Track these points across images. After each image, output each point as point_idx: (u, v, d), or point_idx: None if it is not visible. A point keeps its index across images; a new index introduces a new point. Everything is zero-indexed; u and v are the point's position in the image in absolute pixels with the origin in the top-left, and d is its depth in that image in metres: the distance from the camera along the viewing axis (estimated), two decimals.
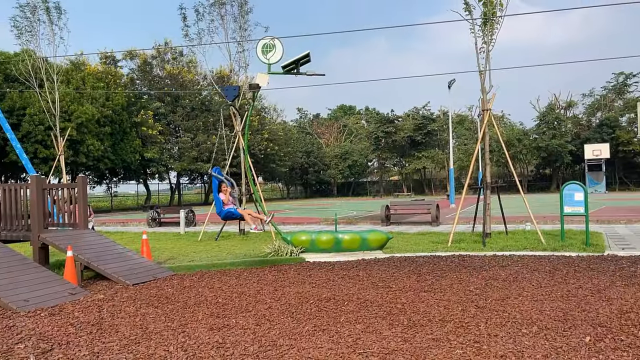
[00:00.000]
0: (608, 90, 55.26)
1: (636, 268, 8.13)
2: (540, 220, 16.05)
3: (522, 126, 55.51)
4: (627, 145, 47.34)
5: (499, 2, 11.62)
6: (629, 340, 4.69)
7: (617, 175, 50.52)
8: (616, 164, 49.68)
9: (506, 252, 10.22)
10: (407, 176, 60.51)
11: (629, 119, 49.29)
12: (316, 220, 20.76)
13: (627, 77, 53.80)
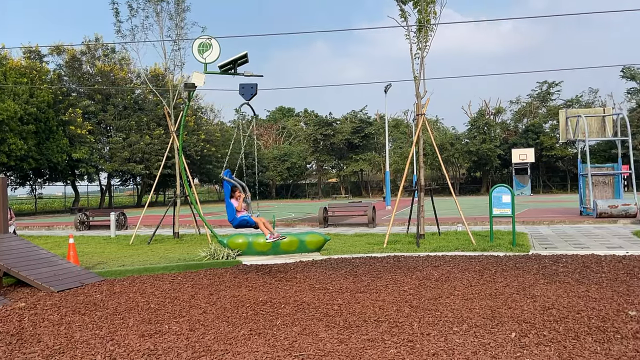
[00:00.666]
0: (533, 98, 58.40)
1: (557, 266, 8.61)
2: (471, 222, 16.68)
3: (455, 131, 57.53)
4: (550, 150, 50.16)
5: (432, 11, 11.99)
6: (551, 335, 4.94)
7: (541, 179, 53.45)
8: (540, 167, 52.55)
9: (439, 253, 10.54)
10: (345, 178, 61.24)
11: (552, 126, 52.25)
12: None
13: (550, 85, 57.11)
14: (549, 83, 56.91)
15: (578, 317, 5.50)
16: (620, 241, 11.84)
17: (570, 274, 7.95)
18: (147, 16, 15.17)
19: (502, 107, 58.48)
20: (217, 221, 20.93)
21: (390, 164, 44.61)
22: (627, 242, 11.68)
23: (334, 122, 59.23)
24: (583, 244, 11.52)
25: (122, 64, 42.34)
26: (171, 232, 15.35)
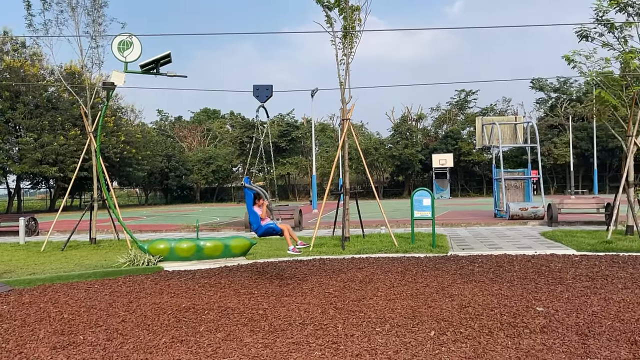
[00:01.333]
0: (452, 105, 61.21)
1: (473, 266, 9.04)
2: (393, 224, 17.16)
3: (379, 136, 59.12)
4: (468, 156, 52.74)
5: (358, 18, 12.24)
6: (467, 332, 5.17)
7: (460, 183, 56.04)
8: (459, 172, 55.08)
9: (363, 255, 10.75)
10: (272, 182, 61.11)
11: (469, 132, 54.97)
12: (176, 227, 20.00)
13: (468, 94, 60.13)
14: (467, 92, 59.91)
15: (492, 314, 5.80)
16: (530, 241, 12.64)
17: (485, 273, 8.38)
18: (61, 10, 14.36)
19: (423, 113, 60.86)
20: (137, 226, 20.19)
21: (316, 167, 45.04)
22: (536, 242, 12.48)
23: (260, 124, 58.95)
24: (497, 245, 12.18)
25: (33, 60, 39.78)
26: (87, 237, 14.59)
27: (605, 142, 47.63)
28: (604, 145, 48.19)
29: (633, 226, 12.35)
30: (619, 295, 6.53)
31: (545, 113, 57.46)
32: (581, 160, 51.52)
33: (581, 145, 50.73)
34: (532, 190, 20.87)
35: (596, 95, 13.07)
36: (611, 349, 4.54)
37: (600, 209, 16.42)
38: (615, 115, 13.12)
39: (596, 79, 13.17)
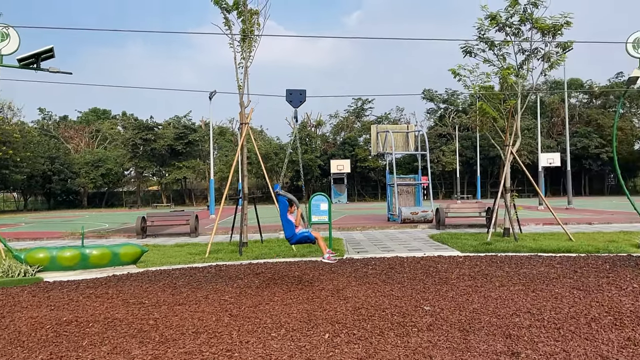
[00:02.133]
0: (349, 113, 63.06)
1: (367, 269, 9.33)
2: None
3: (279, 141, 59.34)
4: (364, 162, 54.57)
5: (256, 21, 12.20)
6: (360, 333, 5.31)
7: (356, 188, 57.81)
8: (355, 177, 56.81)
9: (261, 260, 10.68)
10: (167, 186, 58.88)
11: (365, 139, 56.94)
12: (59, 234, 18.59)
13: (364, 102, 62.30)
14: (363, 100, 62.05)
15: (383, 315, 6.01)
16: (420, 244, 13.32)
17: (378, 275, 8.68)
18: None
19: (322, 120, 62.06)
20: (14, 233, 18.51)
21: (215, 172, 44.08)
22: (425, 244, 13.17)
23: (155, 126, 56.67)
24: (389, 247, 12.69)
25: None
26: None
27: (487, 151, 51.60)
28: (486, 153, 52.19)
29: (510, 228, 13.46)
30: (496, 292, 7.07)
31: (435, 122, 61.15)
32: (466, 168, 55.34)
33: (466, 153, 54.53)
34: (422, 196, 22.05)
35: (478, 107, 14.11)
36: (489, 343, 4.88)
37: (481, 212, 17.72)
38: (495, 126, 14.24)
39: (478, 92, 14.22)
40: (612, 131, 14.31)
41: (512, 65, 13.42)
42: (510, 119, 13.74)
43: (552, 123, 57.78)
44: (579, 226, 17.31)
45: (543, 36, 13.03)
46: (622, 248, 11.07)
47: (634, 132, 57.05)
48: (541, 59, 13.40)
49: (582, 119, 58.10)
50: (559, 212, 22.80)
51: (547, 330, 5.25)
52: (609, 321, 5.50)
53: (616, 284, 7.43)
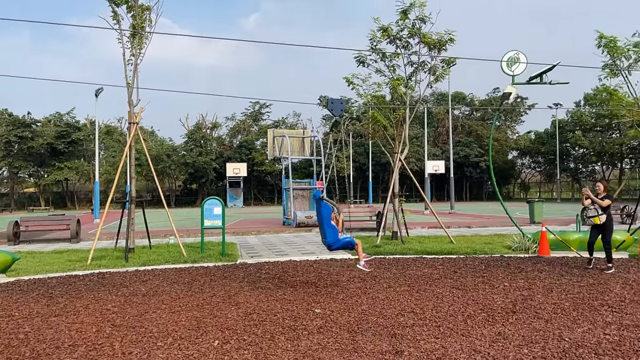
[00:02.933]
0: (247, 116, 62.59)
1: (261, 273, 9.28)
2: (183, 234, 16.74)
3: (172, 142, 57.27)
4: (261, 166, 54.35)
5: (148, 18, 11.69)
6: (250, 339, 5.25)
7: (253, 192, 57.43)
8: (252, 181, 56.41)
9: (148, 267, 10.21)
10: (46, 188, 54.37)
11: (262, 143, 56.77)
12: None
13: (262, 106, 62.18)
14: (261, 104, 61.92)
15: (275, 319, 6.00)
16: (313, 247, 13.50)
17: (271, 279, 8.67)
18: None
19: (218, 122, 60.97)
20: None
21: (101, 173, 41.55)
22: (318, 248, 13.37)
23: (33, 123, 52.14)
24: (283, 251, 12.73)
25: None
26: None
27: (379, 158, 53.73)
28: (378, 160, 54.34)
29: (398, 232, 14.09)
30: (384, 293, 7.35)
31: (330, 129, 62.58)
32: (359, 173, 57.22)
33: (360, 159, 56.42)
34: None
35: (370, 115, 14.64)
36: (375, 343, 5.05)
37: (372, 216, 18.39)
38: (386, 134, 14.87)
39: (371, 101, 14.76)
40: (489, 142, 15.55)
41: (402, 77, 14.11)
42: (399, 127, 14.42)
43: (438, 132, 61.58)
44: (460, 229, 18.57)
45: (429, 50, 13.84)
46: (496, 249, 12.03)
47: (508, 143, 62.48)
48: (428, 71, 14.23)
49: (465, 130, 62.54)
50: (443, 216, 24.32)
51: (429, 328, 5.55)
52: (483, 317, 5.93)
53: (490, 283, 8.06)
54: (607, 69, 13.11)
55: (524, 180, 68.08)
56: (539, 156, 60.70)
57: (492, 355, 4.63)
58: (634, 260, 10.16)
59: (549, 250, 11.25)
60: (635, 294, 7.06)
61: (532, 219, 20.31)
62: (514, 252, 11.70)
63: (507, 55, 13.42)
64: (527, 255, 11.17)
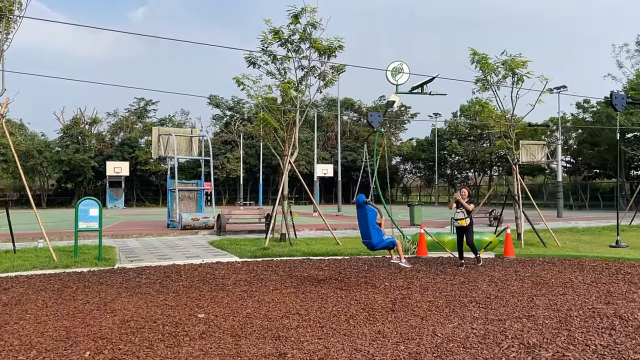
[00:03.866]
0: (131, 113, 59.47)
1: (141, 278, 8.82)
2: (55, 237, 15.48)
3: (45, 137, 52.74)
4: (145, 165, 51.92)
5: (17, 1, 10.65)
6: (126, 348, 4.94)
7: (136, 192, 54.65)
8: (135, 181, 53.68)
9: (12, 273, 9.27)
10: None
11: (147, 141, 54.29)
12: None
13: (148, 103, 59.46)
14: (147, 100, 59.20)
15: (154, 326, 5.72)
16: (199, 251, 13.13)
17: (152, 284, 8.27)
18: None
19: (98, 117, 57.26)
20: None
21: None
22: (204, 251, 13.04)
23: None
24: (167, 255, 12.22)
25: None
26: None
27: (270, 160, 53.80)
28: (268, 162, 54.39)
29: (286, 234, 14.16)
30: (269, 296, 7.32)
31: (221, 129, 61.53)
32: (250, 175, 56.86)
33: (250, 161, 56.08)
34: (204, 202, 21.87)
35: (260, 117, 14.58)
36: (259, 346, 5.00)
37: (261, 219, 18.33)
38: (276, 136, 14.89)
39: (261, 103, 14.71)
40: (374, 147, 16.20)
41: (293, 80, 14.23)
42: (289, 130, 14.52)
43: (328, 137, 63.14)
44: (346, 231, 19.12)
45: (320, 56, 14.12)
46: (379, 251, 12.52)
47: (392, 149, 65.72)
48: (318, 76, 14.50)
49: (353, 135, 64.75)
50: (331, 218, 24.93)
51: (313, 329, 5.61)
52: (364, 317, 6.13)
53: (372, 283, 8.36)
54: (479, 83, 14.24)
55: (406, 185, 72.05)
56: (420, 162, 64.58)
57: (372, 353, 4.78)
58: (499, 260, 11.12)
59: (426, 251, 11.95)
60: (499, 290, 7.71)
61: (412, 222, 21.49)
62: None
63: (391, 65, 14.08)
64: (407, 256, 11.77)
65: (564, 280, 8.44)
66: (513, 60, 13.46)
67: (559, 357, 4.61)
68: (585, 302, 6.83)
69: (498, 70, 13.80)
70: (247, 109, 60.80)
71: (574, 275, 8.99)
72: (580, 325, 5.65)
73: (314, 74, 14.41)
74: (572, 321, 5.84)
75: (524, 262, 10.64)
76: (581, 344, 5.00)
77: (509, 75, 13.71)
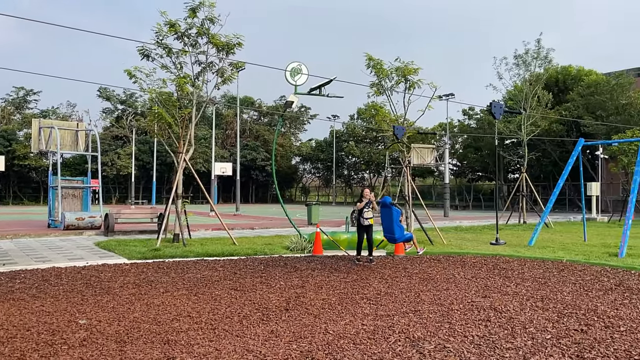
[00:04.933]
0: (8, 103, 54.34)
1: (14, 283, 8.06)
2: None
3: None
4: (24, 160, 47.67)
5: None
6: None
7: (12, 189, 50.03)
8: (11, 177, 49.12)
9: None
10: None
11: (26, 134, 49.89)
12: None
13: (28, 93, 54.69)
14: (27, 90, 54.46)
15: (27, 335, 5.24)
16: (83, 252, 12.28)
17: (28, 289, 7.59)
18: None
19: None
20: None
21: None
22: (89, 252, 12.22)
23: None
24: (46, 258, 11.29)
25: None
26: None
27: (164, 157, 51.77)
28: (163, 159, 52.34)
29: (180, 234, 13.69)
30: (159, 299, 7.02)
31: (112, 123, 58.15)
32: (143, 172, 54.34)
33: (143, 157, 53.60)
34: (90, 200, 20.52)
35: (153, 112, 13.97)
36: (146, 352, 4.76)
37: (154, 218, 17.56)
38: (170, 132, 14.35)
39: (155, 97, 14.09)
40: (273, 146, 16.18)
41: (189, 75, 13.79)
42: (185, 127, 14.06)
43: (227, 135, 62.09)
44: (243, 231, 18.92)
45: (218, 52, 13.82)
46: (275, 250, 12.54)
47: (292, 149, 66.17)
48: (216, 73, 14.18)
49: (252, 134, 64.28)
50: (228, 218, 24.55)
51: (204, 331, 5.45)
52: (258, 317, 6.08)
53: (267, 282, 8.33)
54: (374, 88, 14.75)
55: (305, 185, 72.94)
56: (319, 162, 65.65)
57: (264, 353, 4.74)
58: (390, 258, 11.60)
59: (322, 250, 12.15)
60: (389, 287, 8.03)
61: (309, 221, 21.76)
62: (291, 252, 12.34)
63: (290, 65, 14.14)
64: (303, 255, 11.89)
65: (447, 276, 8.99)
66: (406, 67, 14.10)
67: (440, 349, 4.89)
68: (466, 296, 7.32)
69: (392, 75, 14.39)
70: (140, 103, 58.07)
71: (457, 271, 9.61)
72: (460, 318, 6.03)
73: (211, 69, 14.08)
74: (453, 314, 6.22)
75: (412, 260, 11.18)
76: (460, 335, 5.34)
77: (401, 81, 14.36)
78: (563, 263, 10.63)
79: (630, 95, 35.21)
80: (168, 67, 13.57)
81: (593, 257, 11.53)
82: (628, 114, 34.48)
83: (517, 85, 27.04)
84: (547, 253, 12.27)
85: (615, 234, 17.82)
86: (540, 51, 24.19)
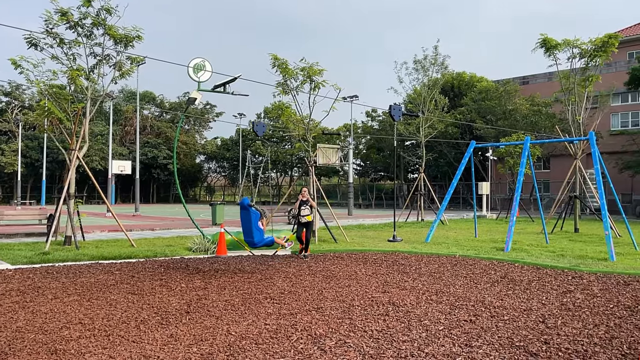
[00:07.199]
0: None
1: None
2: None
3: None
4: None
5: None
6: None
7: None
8: None
9: None
10: None
11: None
12: None
13: None
14: None
15: None
16: None
17: None
18: None
19: None
20: None
21: None
22: None
23: None
24: None
25: None
26: None
27: (55, 154, 48.34)
28: (54, 156, 48.83)
29: (72, 236, 12.84)
30: (47, 306, 6.53)
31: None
32: (31, 170, 50.35)
33: (32, 154, 49.68)
34: None
35: (42, 105, 12.99)
36: None
37: (42, 220, 16.32)
38: (61, 128, 13.40)
39: (44, 90, 13.09)
40: (174, 144, 15.67)
41: (83, 68, 12.97)
42: (78, 122, 13.21)
43: (126, 131, 59.11)
44: (143, 232, 18.14)
45: (115, 44, 13.13)
46: (177, 252, 12.15)
47: (196, 147, 64.45)
48: (113, 66, 13.47)
49: (154, 131, 61.74)
50: (127, 219, 23.44)
51: (97, 338, 5.16)
52: (157, 321, 5.85)
53: (168, 285, 8.04)
54: (280, 87, 14.77)
55: (210, 184, 71.39)
56: (225, 161, 64.55)
57: (162, 358, 4.58)
58: (295, 257, 11.68)
59: (226, 250, 11.96)
60: (293, 285, 8.08)
61: (214, 221, 21.35)
62: (194, 253, 12.03)
63: (193, 61, 13.77)
64: (206, 256, 11.64)
65: (349, 273, 9.22)
66: (311, 67, 14.27)
67: (340, 344, 5.00)
68: (366, 292, 7.55)
69: (297, 76, 14.50)
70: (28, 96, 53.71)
71: (359, 267, 9.89)
72: (360, 314, 6.21)
73: (108, 62, 13.35)
74: (354, 310, 6.39)
75: (316, 258, 11.35)
76: (360, 330, 5.50)
77: (307, 82, 14.51)
78: (456, 258, 11.32)
79: (515, 102, 38.29)
80: (59, 58, 12.66)
81: (482, 252, 12.39)
82: (514, 118, 37.44)
83: (416, 89, 28.37)
84: (442, 249, 13.00)
85: (502, 230, 19.29)
86: (437, 57, 25.59)
